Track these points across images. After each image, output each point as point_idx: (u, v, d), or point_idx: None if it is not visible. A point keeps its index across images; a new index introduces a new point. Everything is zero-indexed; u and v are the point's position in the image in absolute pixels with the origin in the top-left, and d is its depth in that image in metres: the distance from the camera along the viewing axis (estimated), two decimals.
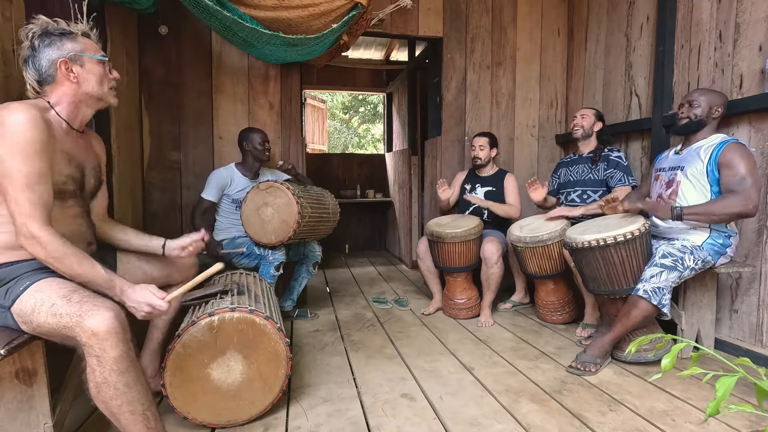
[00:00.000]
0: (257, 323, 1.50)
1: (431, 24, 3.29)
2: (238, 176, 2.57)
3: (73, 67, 1.29)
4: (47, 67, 1.27)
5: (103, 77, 1.36)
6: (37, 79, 1.28)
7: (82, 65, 1.31)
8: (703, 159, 1.96)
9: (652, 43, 2.69)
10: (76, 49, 1.29)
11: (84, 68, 1.31)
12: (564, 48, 3.53)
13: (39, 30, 1.26)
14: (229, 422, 1.50)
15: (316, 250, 2.71)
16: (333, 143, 13.30)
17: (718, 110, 2.01)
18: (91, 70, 1.32)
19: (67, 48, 1.28)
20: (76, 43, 1.30)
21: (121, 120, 2.39)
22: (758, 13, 2.08)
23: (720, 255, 1.97)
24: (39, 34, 1.26)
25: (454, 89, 3.38)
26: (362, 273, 4.22)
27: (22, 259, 1.21)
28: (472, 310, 2.73)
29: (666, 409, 1.64)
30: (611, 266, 1.96)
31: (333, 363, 2.07)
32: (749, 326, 2.12)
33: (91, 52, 1.33)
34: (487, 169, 3.00)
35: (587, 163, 2.67)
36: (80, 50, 1.30)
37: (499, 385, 1.84)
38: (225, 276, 1.98)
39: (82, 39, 1.33)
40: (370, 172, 5.66)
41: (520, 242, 2.52)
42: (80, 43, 1.31)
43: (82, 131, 1.40)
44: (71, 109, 1.32)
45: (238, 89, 2.91)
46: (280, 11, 2.30)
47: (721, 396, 0.65)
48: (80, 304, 1.11)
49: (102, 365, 1.09)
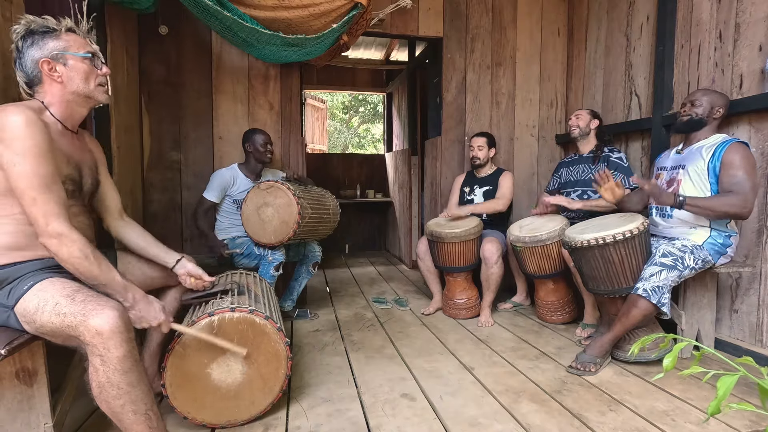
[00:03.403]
0: (257, 323, 1.50)
1: (431, 24, 3.29)
2: (241, 177, 2.57)
3: (57, 66, 1.25)
4: (32, 68, 1.24)
5: (89, 74, 1.30)
6: (25, 81, 1.26)
7: (65, 64, 1.26)
8: (705, 158, 1.97)
9: (652, 43, 2.69)
10: (58, 47, 1.25)
11: (67, 67, 1.27)
12: (564, 48, 3.53)
13: (23, 30, 1.24)
14: (229, 422, 1.50)
15: (316, 251, 2.71)
16: (333, 143, 13.30)
17: (719, 111, 2.01)
18: (75, 68, 1.28)
19: (48, 47, 1.24)
20: (58, 41, 1.26)
21: (121, 120, 2.39)
22: (758, 13, 2.09)
23: (720, 255, 1.98)
24: (23, 34, 1.24)
25: (454, 89, 3.38)
26: (362, 273, 4.22)
27: (26, 260, 1.21)
28: (472, 310, 2.73)
29: (666, 409, 1.64)
30: (610, 265, 1.96)
31: (333, 363, 2.07)
32: (749, 326, 2.12)
33: (75, 49, 1.28)
34: (485, 169, 3.00)
35: (588, 163, 2.67)
36: (62, 48, 1.26)
37: (499, 385, 1.84)
38: (225, 276, 1.98)
39: (67, 36, 1.28)
40: (370, 172, 5.66)
41: (520, 242, 2.52)
42: (63, 41, 1.26)
43: (77, 132, 1.39)
44: (63, 109, 1.30)
45: (238, 89, 2.91)
46: (280, 11, 2.30)
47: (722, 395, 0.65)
48: (84, 304, 1.11)
49: (105, 365, 1.09)
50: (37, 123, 1.15)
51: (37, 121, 1.16)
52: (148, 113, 2.76)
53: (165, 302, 1.65)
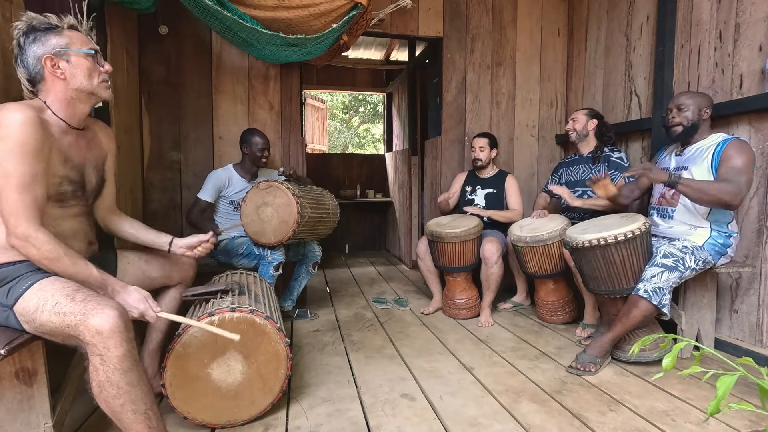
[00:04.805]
0: (257, 323, 1.50)
1: (431, 24, 3.29)
2: (237, 178, 2.57)
3: (59, 63, 1.25)
4: (34, 65, 1.24)
5: (92, 71, 1.30)
6: (27, 78, 1.26)
7: (68, 60, 1.26)
8: (706, 157, 1.97)
9: (652, 43, 2.69)
10: (61, 44, 1.25)
11: (70, 63, 1.26)
12: (564, 48, 3.53)
13: (25, 27, 1.24)
14: (229, 422, 1.50)
15: (316, 251, 2.71)
16: (333, 143, 13.30)
17: (707, 111, 2.02)
18: (78, 65, 1.27)
19: (51, 44, 1.24)
20: (61, 37, 1.26)
21: (121, 120, 2.39)
22: (758, 13, 2.09)
23: (720, 255, 1.98)
24: (24, 31, 1.24)
25: (454, 89, 3.38)
26: (362, 273, 4.22)
27: (24, 259, 1.21)
28: (472, 310, 2.73)
29: (666, 409, 1.64)
30: (612, 266, 1.96)
31: (333, 363, 2.07)
32: (749, 326, 2.12)
33: (77, 45, 1.28)
34: (487, 170, 3.00)
35: (588, 164, 2.67)
36: (65, 45, 1.26)
37: (499, 385, 1.84)
38: (225, 276, 1.98)
39: (69, 32, 1.28)
40: (370, 172, 5.66)
41: (521, 242, 2.52)
42: (66, 38, 1.26)
43: (83, 128, 1.38)
44: (65, 107, 1.29)
45: (238, 89, 2.91)
46: (280, 11, 2.30)
47: (722, 394, 0.65)
48: (84, 303, 1.11)
49: (105, 364, 1.09)
50: (33, 122, 1.15)
51: (35, 120, 1.15)
52: (148, 113, 2.76)
53: (165, 302, 1.65)
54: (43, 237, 1.15)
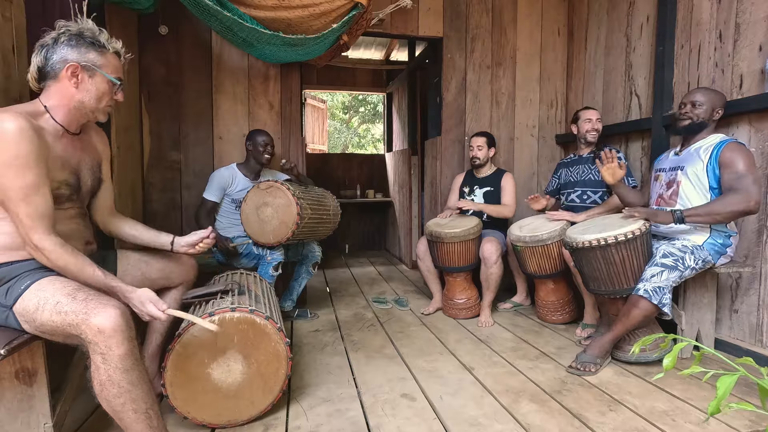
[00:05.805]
0: (257, 323, 1.50)
1: (431, 24, 3.29)
2: (240, 176, 2.57)
3: (81, 73, 1.27)
4: (56, 62, 1.24)
5: (104, 95, 1.32)
6: (39, 68, 1.26)
7: (92, 76, 1.28)
8: (703, 158, 1.96)
9: (652, 43, 2.69)
10: (96, 62, 1.28)
11: (92, 80, 1.29)
12: (564, 48, 3.53)
13: (75, 30, 1.25)
14: (229, 422, 1.50)
15: (316, 251, 2.71)
16: (333, 143, 13.30)
17: (719, 112, 2.01)
18: (97, 85, 1.30)
19: (88, 57, 1.26)
20: (100, 57, 1.29)
21: (121, 120, 2.39)
22: (758, 13, 2.09)
23: (720, 255, 1.97)
24: (72, 33, 1.25)
25: (454, 89, 3.38)
26: (362, 273, 4.22)
27: (22, 259, 1.21)
28: (472, 310, 2.73)
29: (666, 409, 1.64)
30: (612, 266, 1.96)
31: (333, 363, 2.07)
32: (749, 326, 2.12)
33: (109, 71, 1.31)
34: (485, 169, 3.00)
35: (587, 164, 2.67)
36: (100, 65, 1.28)
37: (499, 385, 1.84)
38: (226, 276, 1.98)
39: (110, 56, 1.31)
40: (370, 172, 5.66)
41: (520, 242, 2.52)
42: (104, 59, 1.29)
43: (78, 132, 1.38)
44: (65, 113, 1.29)
45: (238, 89, 2.91)
46: (280, 11, 2.30)
47: (722, 394, 0.65)
48: (86, 302, 1.11)
49: (107, 363, 1.10)
50: (26, 132, 1.13)
51: (27, 130, 1.14)
52: (148, 113, 2.76)
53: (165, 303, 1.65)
54: (52, 246, 1.18)
